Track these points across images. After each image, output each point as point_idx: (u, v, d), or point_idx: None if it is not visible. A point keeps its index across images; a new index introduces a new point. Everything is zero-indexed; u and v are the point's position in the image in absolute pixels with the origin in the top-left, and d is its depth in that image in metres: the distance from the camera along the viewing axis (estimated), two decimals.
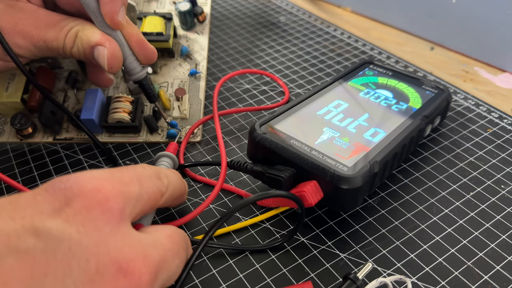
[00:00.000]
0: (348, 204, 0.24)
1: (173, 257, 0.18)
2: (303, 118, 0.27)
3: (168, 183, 0.20)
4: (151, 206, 0.19)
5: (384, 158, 0.24)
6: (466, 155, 0.30)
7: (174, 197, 0.21)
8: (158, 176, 0.20)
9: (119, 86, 0.33)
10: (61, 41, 0.25)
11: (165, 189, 0.20)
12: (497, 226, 0.25)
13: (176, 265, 0.18)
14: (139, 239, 0.17)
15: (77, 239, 0.15)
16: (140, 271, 0.15)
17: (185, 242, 0.19)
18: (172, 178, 0.21)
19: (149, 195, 0.19)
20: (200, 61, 0.35)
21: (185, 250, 0.19)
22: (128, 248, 0.16)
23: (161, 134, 0.31)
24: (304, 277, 0.22)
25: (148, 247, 0.16)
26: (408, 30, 0.45)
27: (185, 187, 0.24)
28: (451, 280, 0.22)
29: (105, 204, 0.16)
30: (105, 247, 0.15)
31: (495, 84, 0.38)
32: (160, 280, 0.17)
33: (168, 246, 0.18)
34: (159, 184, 0.20)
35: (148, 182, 0.19)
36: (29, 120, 0.30)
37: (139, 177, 0.18)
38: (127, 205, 0.17)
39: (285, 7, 0.50)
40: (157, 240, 0.17)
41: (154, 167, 0.21)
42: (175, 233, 0.19)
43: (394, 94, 0.30)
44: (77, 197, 0.16)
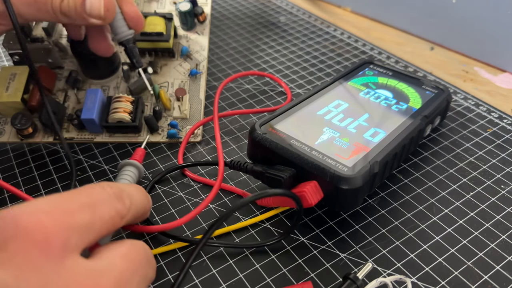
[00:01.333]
0: (348, 204, 0.24)
1: (130, 277, 0.17)
2: (303, 118, 0.27)
3: (130, 204, 0.19)
4: (108, 231, 0.17)
5: (384, 158, 0.24)
6: (466, 155, 0.30)
7: (136, 217, 0.20)
8: (119, 197, 0.18)
9: (120, 86, 0.33)
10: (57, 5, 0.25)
11: (126, 211, 0.18)
12: (497, 226, 0.25)
13: (136, 283, 0.17)
14: (88, 269, 0.15)
15: (14, 286, 0.13)
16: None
17: (144, 257, 0.18)
18: (135, 198, 0.20)
19: (104, 220, 0.17)
20: (200, 61, 0.35)
21: (145, 266, 0.18)
22: (73, 284, 0.15)
23: (162, 134, 0.31)
24: (304, 277, 0.22)
25: (98, 275, 0.15)
26: (408, 30, 0.45)
27: (149, 204, 0.22)
28: (451, 280, 0.22)
29: (44, 243, 0.14)
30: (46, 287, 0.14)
31: (495, 84, 0.38)
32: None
33: (123, 267, 0.16)
34: (119, 207, 0.18)
35: (104, 207, 0.17)
36: (29, 120, 0.30)
37: (93, 203, 0.17)
38: (72, 237, 0.15)
39: (285, 7, 0.50)
40: (110, 263, 0.16)
41: (116, 185, 0.19)
42: (131, 250, 0.18)
43: (394, 94, 0.30)
44: (13, 239, 0.14)
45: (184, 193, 0.27)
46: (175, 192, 0.27)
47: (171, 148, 0.31)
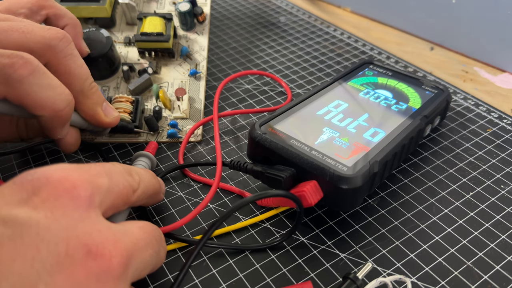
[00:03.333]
0: (348, 204, 0.24)
1: (145, 246, 0.18)
2: (303, 118, 0.27)
3: (139, 180, 0.20)
4: (123, 201, 0.19)
5: (384, 158, 0.24)
6: (465, 155, 0.30)
7: (147, 195, 0.21)
8: (128, 173, 0.20)
9: (120, 86, 0.33)
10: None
11: (137, 185, 0.20)
12: (497, 226, 0.25)
13: (149, 254, 0.18)
14: (109, 226, 0.17)
15: (45, 225, 0.15)
16: (110, 254, 0.15)
17: (158, 235, 0.19)
18: (144, 176, 0.21)
19: (119, 188, 0.18)
20: (200, 61, 0.35)
21: (158, 242, 0.19)
22: (97, 233, 0.16)
23: (162, 133, 0.31)
24: (304, 277, 0.22)
25: (118, 234, 0.17)
26: (408, 30, 0.45)
27: (160, 185, 0.23)
28: (451, 280, 0.22)
29: (73, 191, 0.16)
30: (74, 231, 0.15)
31: (494, 84, 0.38)
32: (133, 267, 0.17)
33: (140, 236, 0.18)
34: (130, 180, 0.19)
35: (118, 176, 0.19)
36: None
37: (108, 171, 0.18)
38: (96, 194, 0.17)
39: (285, 7, 0.50)
40: (128, 229, 0.17)
41: (124, 165, 0.20)
42: (147, 225, 0.19)
43: (393, 94, 0.30)
44: (45, 186, 0.16)
45: (184, 193, 0.27)
46: (175, 192, 0.27)
47: (171, 148, 0.31)
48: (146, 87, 0.33)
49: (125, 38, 0.36)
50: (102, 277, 0.15)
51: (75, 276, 0.14)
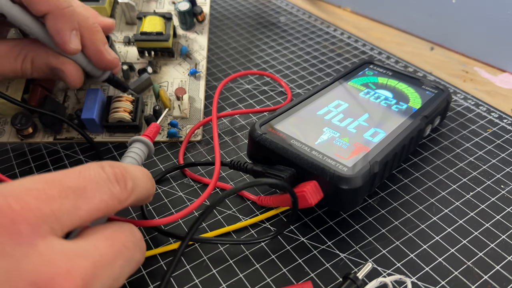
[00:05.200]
0: (348, 204, 0.24)
1: (113, 259, 0.16)
2: (303, 118, 0.27)
3: (133, 188, 0.18)
4: (103, 214, 0.17)
5: (384, 158, 0.24)
6: (466, 155, 0.30)
7: (140, 200, 0.19)
8: (120, 180, 0.18)
9: None
10: (18, 70, 0.26)
11: (127, 194, 0.18)
12: (497, 226, 0.25)
13: (119, 266, 0.17)
14: (64, 251, 0.15)
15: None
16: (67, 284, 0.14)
17: (131, 240, 0.18)
18: (139, 182, 0.19)
19: (94, 204, 0.16)
20: (199, 60, 0.35)
21: (131, 249, 0.17)
22: (46, 266, 0.14)
23: (162, 133, 0.31)
24: (304, 277, 0.22)
25: (74, 257, 0.15)
26: (408, 30, 0.45)
27: (153, 188, 0.21)
28: (451, 280, 0.22)
29: (11, 228, 0.14)
30: (17, 271, 0.14)
31: (495, 84, 0.38)
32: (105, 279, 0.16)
33: (105, 250, 0.16)
34: (117, 191, 0.17)
35: (96, 189, 0.17)
36: (29, 120, 0.30)
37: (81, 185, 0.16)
38: (45, 223, 0.15)
39: (285, 7, 0.50)
40: (91, 245, 0.16)
41: (120, 166, 0.18)
42: (117, 232, 0.17)
43: (394, 94, 0.30)
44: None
45: (184, 193, 0.27)
46: (175, 192, 0.27)
47: (171, 147, 0.31)
48: (146, 87, 0.33)
49: (124, 38, 0.36)
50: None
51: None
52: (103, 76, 0.29)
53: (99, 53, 0.27)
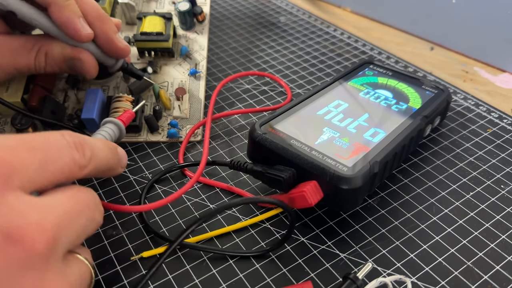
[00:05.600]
0: (348, 204, 0.24)
1: (77, 216, 0.17)
2: (303, 118, 0.27)
3: (91, 157, 0.19)
4: (65, 178, 0.18)
5: (384, 158, 0.24)
6: (466, 155, 0.30)
7: (100, 170, 0.20)
8: (78, 147, 0.18)
9: (119, 86, 0.33)
10: (31, 64, 0.26)
11: (86, 162, 0.18)
12: (497, 226, 0.25)
13: (82, 223, 0.17)
14: (32, 204, 0.16)
15: None
16: (32, 238, 0.15)
17: (92, 201, 0.18)
18: (98, 152, 0.20)
19: (58, 166, 0.17)
20: (199, 60, 0.35)
21: (92, 209, 0.18)
22: (16, 216, 0.15)
23: (162, 133, 0.31)
24: (304, 277, 0.22)
25: (43, 210, 0.16)
26: (408, 30, 0.45)
27: (114, 159, 0.22)
28: (451, 280, 0.22)
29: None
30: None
31: (495, 84, 0.38)
32: (63, 243, 0.16)
33: (70, 206, 0.17)
34: (77, 156, 0.18)
35: (59, 152, 0.17)
36: (29, 120, 0.30)
37: (45, 147, 0.17)
38: (16, 175, 0.15)
39: (285, 7, 0.50)
40: (57, 201, 0.17)
41: (78, 136, 0.19)
42: (79, 192, 0.18)
43: (394, 94, 0.30)
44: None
45: (184, 193, 0.27)
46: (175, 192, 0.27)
47: (171, 147, 0.31)
48: (146, 87, 0.33)
49: (124, 38, 0.36)
50: (25, 263, 0.14)
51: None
52: (117, 65, 0.29)
53: (111, 41, 0.27)
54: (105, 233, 0.25)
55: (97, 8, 0.26)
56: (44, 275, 0.15)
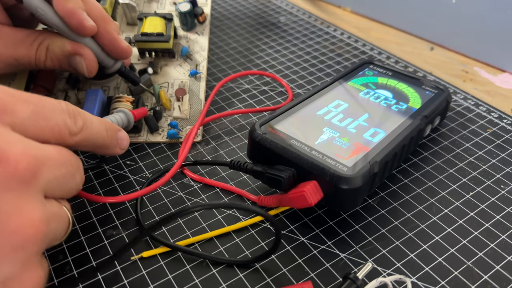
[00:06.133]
0: (348, 204, 0.24)
1: (59, 164, 0.18)
2: (303, 118, 0.27)
3: (83, 126, 0.20)
4: (54, 138, 0.18)
5: (384, 158, 0.24)
6: (466, 155, 0.30)
7: (92, 144, 0.21)
8: (71, 115, 0.19)
9: (120, 86, 0.34)
10: (32, 56, 0.26)
11: (77, 130, 0.19)
12: (497, 226, 0.25)
13: (63, 174, 0.18)
14: (19, 139, 0.16)
15: None
16: (16, 160, 0.15)
17: (75, 161, 0.19)
18: (92, 125, 0.21)
19: (49, 123, 0.18)
20: (200, 61, 0.36)
21: (74, 167, 0.19)
22: (3, 142, 0.15)
23: (162, 134, 0.31)
24: (304, 277, 0.22)
25: (28, 145, 0.16)
26: (408, 30, 0.45)
27: (108, 138, 0.23)
28: (450, 280, 0.22)
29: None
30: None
31: (495, 84, 0.38)
32: (44, 178, 0.17)
33: (54, 154, 0.18)
34: (69, 122, 0.19)
35: (52, 112, 0.18)
36: None
37: (41, 103, 0.18)
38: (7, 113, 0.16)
39: (285, 7, 0.50)
40: (41, 146, 0.17)
41: (73, 106, 0.20)
42: (64, 150, 0.19)
43: (394, 94, 0.30)
44: None
45: (184, 193, 0.27)
46: (175, 192, 0.27)
47: (171, 148, 0.31)
48: (147, 87, 0.33)
49: (125, 38, 0.36)
50: (7, 181, 0.15)
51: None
52: (115, 66, 0.29)
53: (114, 41, 0.27)
54: (105, 233, 0.25)
55: (100, 8, 0.26)
56: (23, 198, 0.16)
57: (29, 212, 0.16)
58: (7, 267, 0.15)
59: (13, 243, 0.15)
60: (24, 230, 0.15)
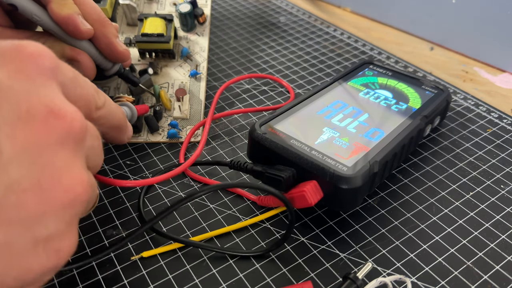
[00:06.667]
0: (348, 204, 0.24)
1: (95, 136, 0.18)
2: (303, 118, 0.27)
3: (105, 102, 0.21)
4: (85, 106, 0.19)
5: (384, 158, 0.24)
6: (465, 155, 0.30)
7: (110, 123, 0.22)
8: (95, 89, 0.20)
9: (120, 86, 0.34)
10: None
11: (101, 104, 0.20)
12: (497, 226, 0.25)
13: (97, 146, 0.19)
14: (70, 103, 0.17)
15: (8, 84, 0.15)
16: (71, 116, 0.16)
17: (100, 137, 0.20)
18: (110, 101, 0.21)
19: (84, 91, 0.19)
20: (200, 62, 0.36)
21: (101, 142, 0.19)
22: (59, 100, 0.16)
23: (162, 134, 0.31)
24: (304, 277, 0.22)
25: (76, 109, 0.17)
26: (408, 30, 0.45)
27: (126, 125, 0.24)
28: (450, 280, 0.22)
29: (38, 59, 0.16)
30: (36, 94, 0.15)
31: (494, 84, 0.38)
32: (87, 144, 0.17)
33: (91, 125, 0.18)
34: (95, 95, 0.20)
35: (86, 83, 0.19)
36: None
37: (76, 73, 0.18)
38: (59, 71, 0.17)
39: (285, 7, 0.50)
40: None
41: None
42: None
43: (393, 94, 0.30)
44: (11, 49, 0.16)
45: (184, 193, 0.27)
46: (175, 192, 0.28)
47: (171, 148, 0.31)
48: (147, 87, 0.33)
49: (125, 39, 0.36)
50: (63, 137, 0.15)
51: (36, 132, 0.15)
52: (113, 68, 0.29)
53: (111, 45, 0.27)
54: (105, 233, 0.25)
55: (98, 11, 0.26)
56: (74, 157, 0.16)
57: (79, 172, 0.16)
58: (54, 223, 0.15)
59: (63, 200, 0.15)
60: (74, 189, 0.16)
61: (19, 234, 0.14)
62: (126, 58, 0.28)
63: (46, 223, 0.15)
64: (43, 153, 0.15)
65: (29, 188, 0.14)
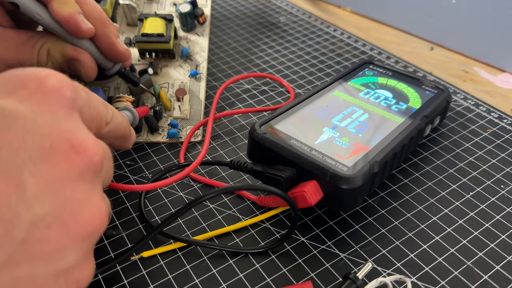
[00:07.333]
0: (348, 204, 0.24)
1: (110, 157, 0.19)
2: (303, 118, 0.27)
3: (112, 115, 0.21)
4: (96, 125, 0.19)
5: (384, 158, 0.24)
6: (465, 155, 0.30)
7: (116, 134, 0.22)
8: (105, 104, 0.20)
9: (120, 86, 0.34)
10: (34, 59, 0.26)
11: (110, 118, 0.21)
12: (497, 226, 0.25)
13: (111, 165, 0.19)
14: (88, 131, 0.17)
15: (32, 118, 0.15)
16: (92, 151, 0.16)
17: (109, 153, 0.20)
18: (117, 113, 0.22)
19: (95, 111, 0.19)
20: (200, 62, 0.36)
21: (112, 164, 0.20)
22: (80, 132, 0.16)
23: (162, 134, 0.31)
24: (304, 277, 0.22)
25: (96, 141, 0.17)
26: (408, 30, 0.45)
27: (130, 130, 0.24)
28: (450, 280, 0.22)
29: (59, 90, 0.16)
30: (58, 127, 0.16)
31: (494, 84, 0.38)
32: (104, 170, 0.17)
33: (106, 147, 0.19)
34: (105, 111, 0.20)
35: (96, 101, 0.19)
36: None
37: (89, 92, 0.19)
38: (79, 98, 0.17)
39: (285, 7, 0.50)
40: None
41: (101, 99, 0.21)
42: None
43: (394, 94, 0.30)
44: (32, 81, 0.16)
45: (184, 193, 0.27)
46: (175, 192, 0.28)
47: (171, 148, 0.31)
48: (147, 87, 0.33)
49: (125, 39, 0.36)
50: (84, 171, 0.16)
51: (58, 167, 0.15)
52: (113, 68, 0.29)
53: (112, 45, 0.27)
54: (105, 233, 0.25)
55: (99, 11, 0.26)
56: (93, 189, 0.16)
57: (98, 203, 0.16)
58: (74, 255, 0.16)
59: (83, 232, 0.16)
60: (94, 221, 0.16)
61: (42, 268, 0.15)
62: (127, 58, 0.28)
63: (67, 256, 0.15)
64: (65, 187, 0.15)
65: (52, 224, 0.15)
